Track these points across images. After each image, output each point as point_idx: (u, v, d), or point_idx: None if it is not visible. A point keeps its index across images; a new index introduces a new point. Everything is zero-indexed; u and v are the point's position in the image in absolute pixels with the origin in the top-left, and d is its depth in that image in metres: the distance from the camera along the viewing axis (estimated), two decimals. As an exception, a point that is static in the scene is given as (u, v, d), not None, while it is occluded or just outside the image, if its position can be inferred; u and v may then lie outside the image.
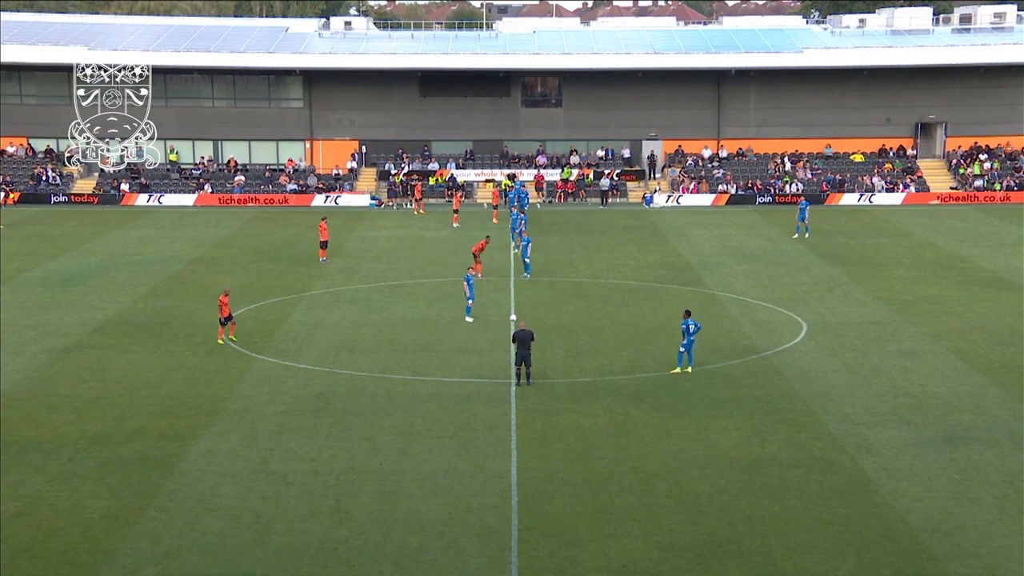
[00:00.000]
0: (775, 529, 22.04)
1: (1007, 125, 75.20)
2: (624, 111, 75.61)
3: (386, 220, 64.51)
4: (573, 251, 53.96)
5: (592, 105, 75.89)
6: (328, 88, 75.35)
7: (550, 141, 76.57)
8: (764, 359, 34.17)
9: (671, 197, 71.10)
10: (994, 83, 74.74)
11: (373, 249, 54.55)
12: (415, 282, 46.42)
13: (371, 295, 43.84)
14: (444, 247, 55.06)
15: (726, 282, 46.03)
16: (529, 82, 77.11)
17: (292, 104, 76.42)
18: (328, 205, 69.94)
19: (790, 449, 26.38)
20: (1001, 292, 43.59)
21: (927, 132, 76.54)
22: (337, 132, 75.85)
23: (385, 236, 58.61)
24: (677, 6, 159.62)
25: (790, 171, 73.73)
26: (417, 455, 26.12)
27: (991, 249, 53.39)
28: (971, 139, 75.50)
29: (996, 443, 26.55)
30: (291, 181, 72.73)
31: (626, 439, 27.13)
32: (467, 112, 75.96)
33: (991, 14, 78.16)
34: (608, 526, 22.21)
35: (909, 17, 78.90)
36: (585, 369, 33.22)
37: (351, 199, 71.06)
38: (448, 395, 30.69)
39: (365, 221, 63.83)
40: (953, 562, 20.62)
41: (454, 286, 45.17)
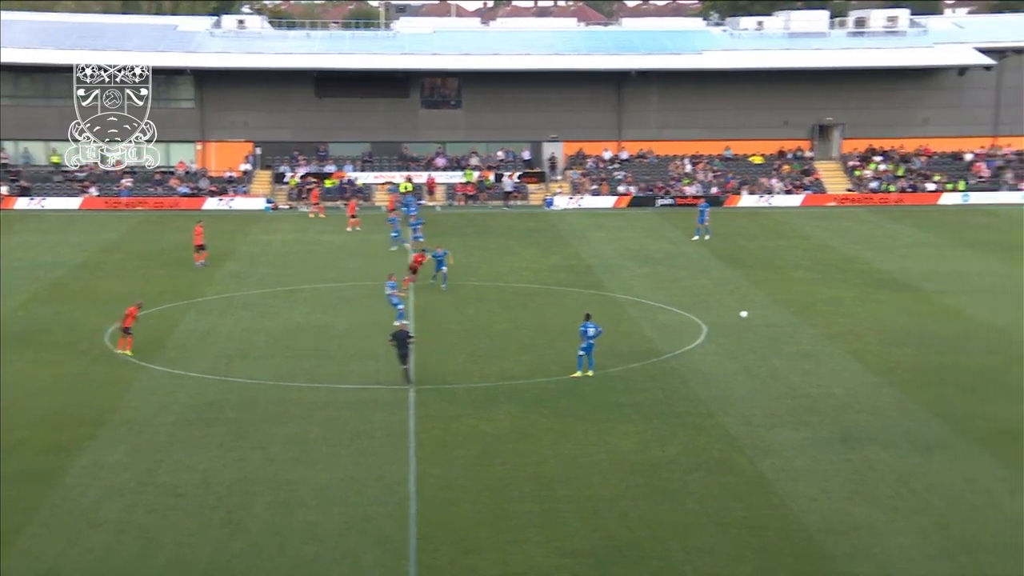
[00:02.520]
0: (675, 533, 21.93)
1: (901, 128, 76.84)
2: (525, 112, 75.49)
3: (281, 224, 63.43)
4: (474, 254, 53.59)
5: (492, 106, 75.62)
6: (220, 88, 73.79)
7: (450, 143, 76.09)
8: (664, 362, 34.16)
9: (572, 199, 71.17)
10: (888, 86, 76.31)
11: (268, 253, 53.54)
12: (311, 287, 45.58)
13: (265, 301, 42.91)
14: (341, 252, 54.28)
15: (627, 285, 46.05)
16: (428, 83, 76.50)
17: (182, 105, 74.64)
18: (221, 208, 68.51)
19: (690, 452, 26.32)
20: (896, 293, 44.29)
21: (824, 134, 77.82)
22: (230, 134, 74.32)
23: (280, 240, 57.60)
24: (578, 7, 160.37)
25: (690, 173, 74.33)
26: (313, 464, 25.52)
27: (886, 251, 54.34)
28: (867, 141, 76.95)
29: (891, 443, 26.81)
30: (182, 184, 71.03)
31: (527, 444, 26.84)
32: (365, 113, 75.05)
33: (884, 18, 79.79)
34: (508, 533, 21.91)
35: (806, 20, 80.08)
36: (486, 374, 32.86)
37: (245, 202, 69.68)
38: (345, 402, 30.07)
39: (260, 225, 62.68)
40: (849, 562, 20.68)
41: (351, 291, 44.50)
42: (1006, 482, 24.34)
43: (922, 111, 77.05)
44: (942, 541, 21.43)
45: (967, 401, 30.14)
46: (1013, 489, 23.92)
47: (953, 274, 48.21)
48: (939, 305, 41.86)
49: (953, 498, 23.52)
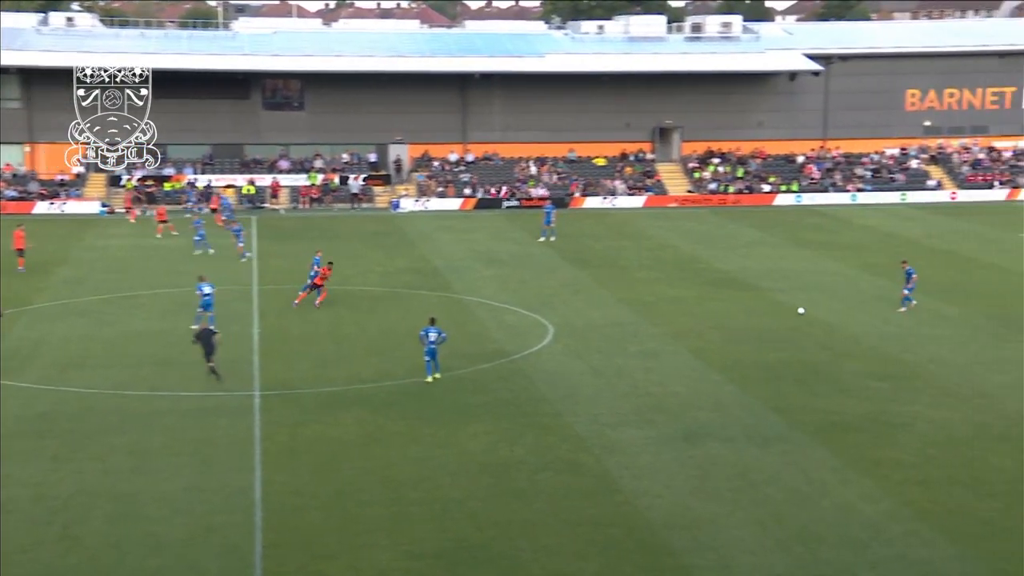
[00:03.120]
0: (524, 532, 22.04)
1: (737, 130, 79.17)
2: (369, 115, 75.02)
3: (118, 228, 61.51)
4: (320, 257, 52.96)
5: (336, 108, 74.92)
6: (49, 88, 70.58)
7: (293, 145, 75.04)
8: (512, 363, 34.35)
9: (419, 202, 71.03)
10: (724, 90, 78.53)
11: (104, 259, 51.91)
12: (151, 293, 44.35)
13: (102, 307, 41.57)
14: (181, 257, 52.92)
15: (474, 286, 46.19)
16: (270, 84, 75.33)
17: (8, 104, 71.54)
18: (53, 212, 66.03)
19: (538, 452, 26.52)
20: (735, 292, 45.54)
21: (664, 137, 79.59)
22: (61, 135, 71.37)
23: (117, 245, 55.88)
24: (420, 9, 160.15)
25: (535, 175, 75.04)
26: (154, 474, 24.82)
27: (725, 250, 55.84)
28: (705, 144, 79.00)
29: (731, 439, 27.52)
30: (9, 187, 68.16)
31: (375, 448, 26.65)
32: (204, 114, 73.31)
33: (719, 24, 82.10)
34: (358, 537, 21.70)
35: (644, 25, 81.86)
36: (333, 379, 32.50)
37: (79, 206, 67.30)
38: (187, 410, 29.34)
39: (95, 229, 60.68)
40: (691, 556, 21.12)
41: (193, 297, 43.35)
42: (838, 473, 25.25)
43: (757, 114, 79.53)
44: (779, 532, 22.08)
45: (801, 395, 31.18)
46: (844, 479, 24.83)
47: (788, 272, 49.87)
48: (776, 303, 43.23)
49: (789, 490, 24.26)
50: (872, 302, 43.32)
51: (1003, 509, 23.18)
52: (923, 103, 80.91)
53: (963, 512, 23.09)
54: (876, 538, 21.80)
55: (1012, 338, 37.57)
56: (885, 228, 63.11)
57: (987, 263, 51.85)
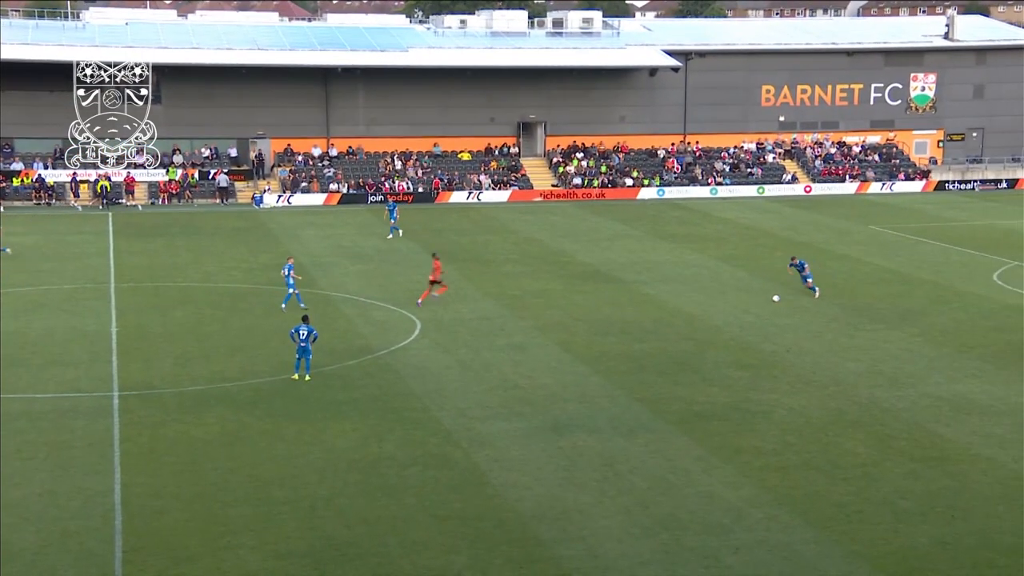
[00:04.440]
0: (393, 528, 21.94)
1: (600, 125, 80.00)
2: (229, 108, 73.56)
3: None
4: (180, 254, 51.79)
5: (194, 102, 73.21)
6: None
7: (151, 139, 73.03)
8: (379, 359, 34.13)
9: (282, 197, 69.99)
10: (586, 85, 79.29)
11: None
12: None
13: (-51, 307, 39.88)
14: (33, 254, 51.15)
15: (340, 282, 45.75)
16: (124, 77, 73.15)
17: None
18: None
19: (407, 447, 26.42)
20: (599, 285, 46.08)
21: (529, 131, 79.99)
22: None
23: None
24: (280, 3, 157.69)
25: (400, 170, 74.68)
26: (6, 479, 23.91)
27: (589, 244, 56.44)
28: (569, 138, 79.66)
29: (597, 429, 27.84)
30: None
31: (240, 447, 26.20)
32: (55, 108, 70.47)
33: (580, 19, 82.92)
34: (222, 538, 21.30)
35: (506, 20, 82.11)
36: (195, 377, 31.81)
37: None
38: (41, 412, 28.38)
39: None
40: (560, 546, 21.29)
41: (45, 295, 42.00)
42: (701, 460, 25.77)
43: (619, 109, 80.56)
44: (645, 520, 22.44)
45: (665, 385, 31.73)
46: (707, 467, 25.36)
47: (651, 264, 50.66)
48: (639, 295, 43.89)
49: (654, 478, 24.67)
50: (733, 292, 44.35)
51: (856, 493, 23.99)
52: (777, 99, 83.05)
53: (819, 496, 23.80)
54: (738, 523, 22.32)
55: (865, 327, 38.90)
56: (744, 221, 64.65)
57: (840, 254, 53.57)
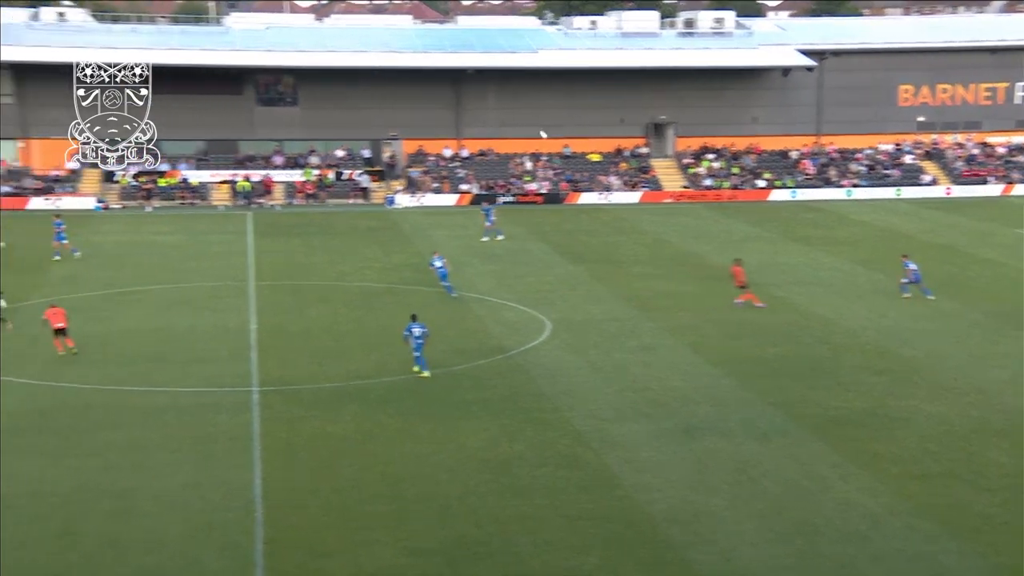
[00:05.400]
0: (524, 528, 22.00)
1: (731, 126, 79.11)
2: (363, 110, 74.89)
3: (113, 225, 61.40)
4: (315, 254, 52.92)
5: (330, 104, 74.78)
6: (42, 83, 70.41)
7: (287, 141, 74.87)
8: (510, 359, 34.31)
9: (414, 197, 70.92)
10: (718, 86, 78.48)
11: (99, 255, 51.75)
12: (147, 289, 44.25)
13: (98, 304, 41.47)
14: (178, 252, 52.88)
15: (471, 282, 46.13)
16: (263, 80, 75.13)
17: (1, 100, 71.24)
18: (48, 208, 65.84)
19: (537, 447, 26.48)
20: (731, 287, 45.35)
21: (659, 132, 79.51)
22: (54, 131, 71.05)
23: (112, 241, 55.77)
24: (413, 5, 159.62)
25: (531, 170, 74.97)
26: (153, 471, 24.74)
27: (721, 246, 55.81)
28: (700, 139, 78.94)
29: (729, 433, 27.52)
30: (4, 183, 67.91)
31: (374, 445, 26.59)
32: (198, 111, 72.98)
33: (712, 20, 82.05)
34: (357, 534, 21.65)
35: (637, 20, 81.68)
36: (331, 375, 32.44)
37: (74, 202, 67.08)
38: (185, 406, 29.27)
39: (90, 225, 60.50)
40: (691, 550, 21.11)
41: (189, 292, 43.39)
42: (837, 467, 25.25)
43: (751, 110, 79.51)
44: (779, 525, 22.10)
45: (800, 389, 31.18)
46: (844, 474, 24.83)
47: (784, 267, 49.89)
48: (772, 297, 43.21)
49: (788, 484, 24.27)
50: (869, 296, 43.38)
51: (1001, 504, 23.22)
52: (916, 99, 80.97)
53: (962, 506, 23.12)
54: (876, 531, 21.82)
55: (1009, 333, 37.62)
56: (881, 223, 63.17)
57: (984, 258, 51.92)
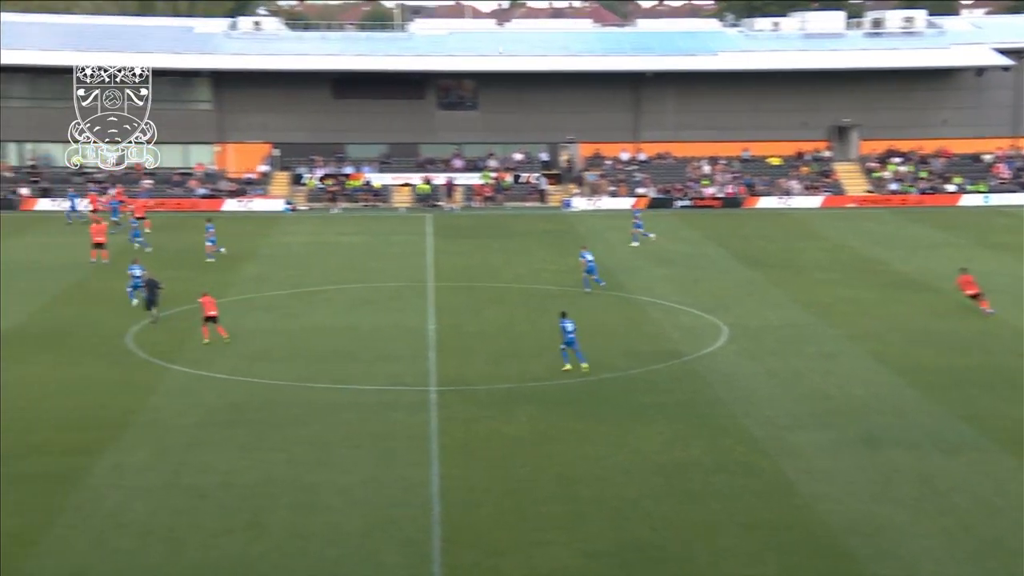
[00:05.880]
0: (699, 534, 21.82)
1: (919, 129, 76.48)
2: (541, 114, 75.45)
3: (300, 226, 63.48)
4: (492, 256, 53.56)
5: (509, 108, 75.64)
6: (238, 90, 73.86)
7: (467, 144, 76.08)
8: (686, 364, 34.04)
9: (590, 201, 71.04)
10: (906, 87, 76.00)
11: (288, 255, 53.61)
12: (333, 288, 45.60)
13: (287, 302, 42.93)
14: (361, 253, 54.29)
15: (647, 286, 45.93)
16: (444, 84, 76.58)
17: (200, 106, 74.75)
18: (240, 210, 68.69)
19: (713, 453, 26.21)
20: (917, 294, 44.09)
21: (842, 135, 77.53)
22: (248, 135, 74.38)
23: (300, 242, 57.64)
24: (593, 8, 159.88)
25: (709, 174, 74.18)
26: (335, 466, 25.47)
27: (907, 251, 54.08)
28: (885, 143, 76.62)
29: (914, 444, 26.64)
30: (201, 186, 71.14)
31: (549, 446, 26.73)
32: (382, 115, 75.07)
33: (901, 19, 79.54)
34: (532, 534, 21.80)
35: (822, 21, 79.85)
36: (507, 375, 32.77)
37: (264, 204, 69.78)
38: (367, 404, 30.03)
39: (279, 226, 62.73)
40: (874, 563, 20.54)
41: (374, 292, 44.52)
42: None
43: (940, 112, 76.73)
44: (969, 543, 21.27)
45: (991, 402, 29.92)
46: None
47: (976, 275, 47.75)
48: (961, 305, 41.58)
49: (978, 500, 23.34)
50: (1067, 307, 41.29)
51: None
52: None
53: None
54: (1074, 555, 20.79)
55: None
56: (1082, 229, 60.05)
57: None
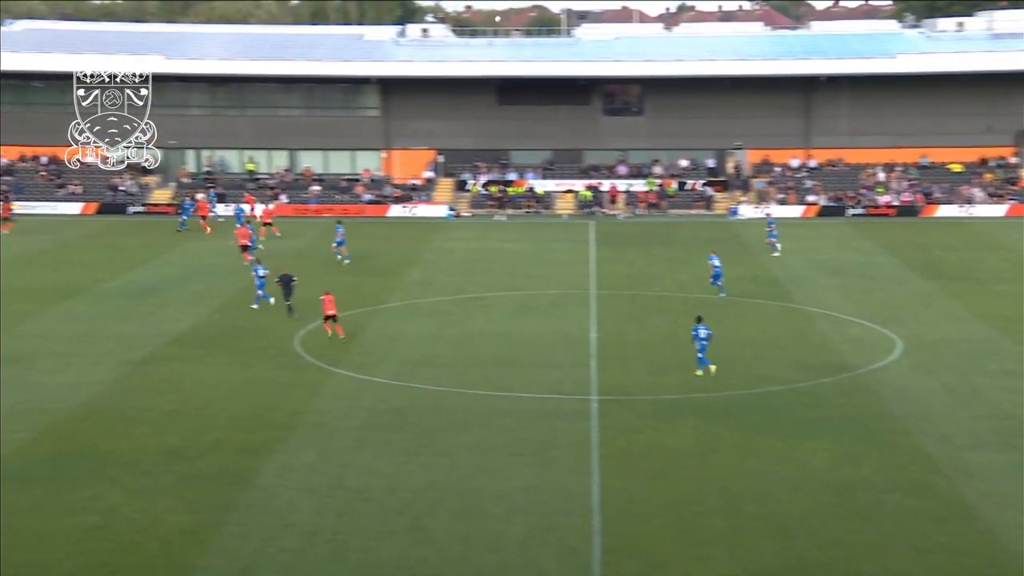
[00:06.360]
0: (869, 556, 21.02)
1: (1117, 134, 72.30)
2: (708, 119, 74.22)
3: (463, 232, 64.01)
4: (656, 264, 52.95)
5: (675, 113, 74.67)
6: (405, 96, 74.94)
7: (631, 150, 75.45)
8: (856, 377, 32.93)
9: (758, 208, 69.57)
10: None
11: (450, 261, 54.11)
12: (494, 295, 45.79)
13: (449, 308, 43.29)
14: (522, 260, 54.39)
15: (816, 297, 44.70)
16: (610, 90, 76.15)
17: (368, 113, 76.19)
18: (405, 216, 69.72)
19: (885, 471, 25.23)
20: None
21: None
22: (414, 142, 75.39)
23: (462, 248, 58.12)
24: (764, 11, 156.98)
25: (884, 181, 71.74)
26: (496, 472, 25.50)
27: (1100, 264, 51.15)
28: (1077, 148, 72.70)
29: (1108, 469, 25.07)
30: (367, 191, 72.50)
31: (712, 459, 26.24)
32: (546, 121, 75.08)
33: (1098, 16, 75.34)
34: (694, 548, 21.42)
35: (1011, 20, 76.12)
36: (669, 386, 32.27)
37: (428, 210, 70.65)
38: (528, 411, 29.99)
39: (442, 232, 63.40)
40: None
41: (533, 299, 44.50)
42: None
43: None
44: None
45: None
46: None
47: None
48: None
49: None
50: None
51: None
52: None
53: None
54: None
55: None
56: None
57: None
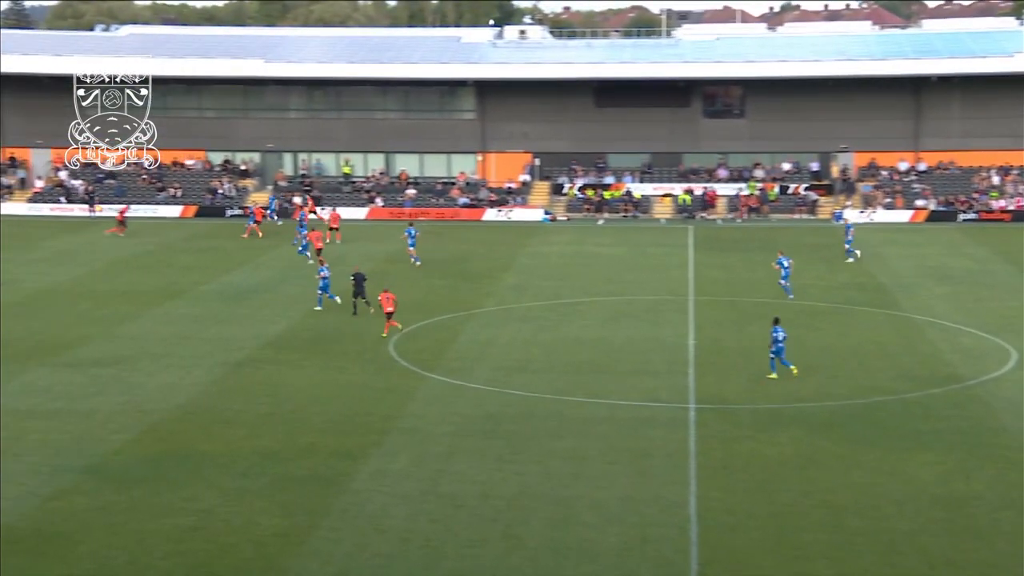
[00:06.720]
0: (982, 574, 20.14)
1: None
2: (812, 121, 72.61)
3: (559, 236, 63.57)
4: (756, 269, 51.83)
5: (778, 115, 73.23)
6: (501, 99, 74.55)
7: (732, 154, 74.20)
8: (968, 389, 31.79)
9: (864, 213, 67.86)
10: None
11: (545, 265, 53.73)
12: (589, 300, 45.28)
13: (543, 313, 42.90)
14: (619, 264, 53.80)
15: (925, 305, 43.41)
16: (710, 92, 74.97)
17: (464, 116, 76.10)
18: (500, 219, 69.49)
19: (999, 488, 24.22)
20: None
21: None
22: (510, 144, 75.01)
23: (558, 252, 57.71)
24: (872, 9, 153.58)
25: (998, 185, 69.44)
26: (591, 481, 25.07)
27: None
28: None
29: None
30: (463, 195, 72.47)
31: (814, 471, 25.49)
32: (644, 123, 74.10)
33: None
34: (795, 563, 20.79)
35: None
36: (769, 395, 31.47)
37: (523, 213, 70.33)
38: (623, 419, 29.48)
39: (537, 236, 63.06)
40: None
41: (629, 305, 43.91)
42: None
43: None
44: None
45: None
46: None
47: None
48: None
49: None
50: None
51: None
52: None
53: None
54: None
55: None
56: None
57: None
